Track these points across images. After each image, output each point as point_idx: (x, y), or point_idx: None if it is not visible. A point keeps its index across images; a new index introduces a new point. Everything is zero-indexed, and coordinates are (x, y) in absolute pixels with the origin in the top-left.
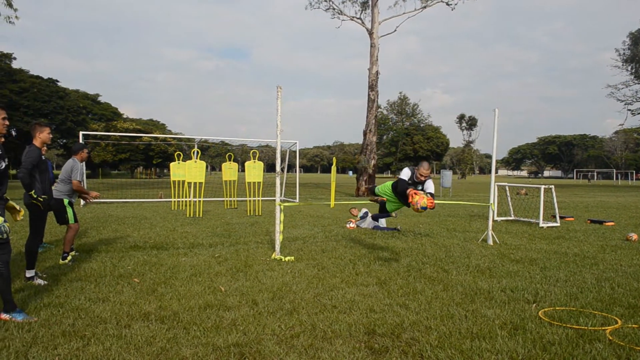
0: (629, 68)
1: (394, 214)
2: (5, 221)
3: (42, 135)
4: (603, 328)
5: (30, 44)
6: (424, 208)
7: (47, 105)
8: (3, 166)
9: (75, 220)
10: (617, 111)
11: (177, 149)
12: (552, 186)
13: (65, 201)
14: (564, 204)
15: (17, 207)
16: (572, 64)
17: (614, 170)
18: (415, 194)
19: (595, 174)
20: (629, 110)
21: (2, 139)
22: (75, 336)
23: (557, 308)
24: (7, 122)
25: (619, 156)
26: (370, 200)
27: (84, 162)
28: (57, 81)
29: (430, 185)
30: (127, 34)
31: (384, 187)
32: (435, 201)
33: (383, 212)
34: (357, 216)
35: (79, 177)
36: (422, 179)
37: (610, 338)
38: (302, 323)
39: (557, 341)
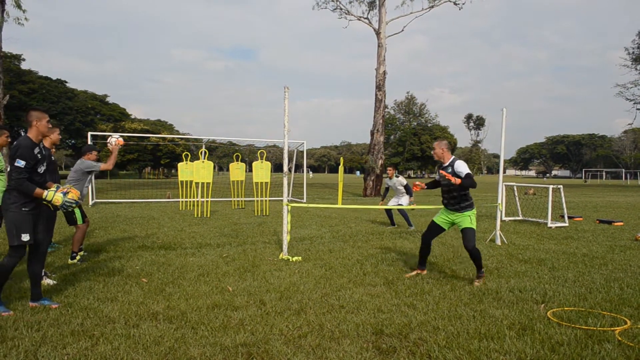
0: (638, 67)
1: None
2: (65, 194)
3: (53, 136)
4: (612, 329)
5: (39, 45)
6: None
7: (56, 106)
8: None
9: (84, 220)
10: (626, 110)
11: (184, 149)
12: (561, 186)
13: None
14: (573, 204)
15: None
16: (581, 62)
17: (623, 170)
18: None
19: (604, 173)
20: (638, 109)
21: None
22: (84, 335)
23: (565, 308)
24: (50, 125)
25: (628, 156)
26: None
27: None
28: (66, 82)
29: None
30: (136, 35)
31: None
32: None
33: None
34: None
35: (99, 166)
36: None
37: (620, 339)
38: (310, 323)
39: (565, 342)
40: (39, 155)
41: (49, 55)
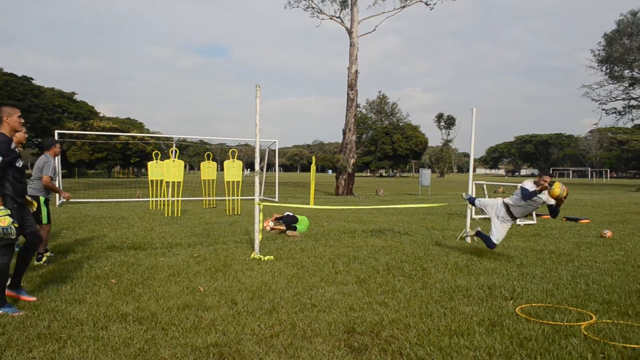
0: (604, 68)
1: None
2: (14, 222)
3: (18, 135)
4: (578, 323)
5: (4, 42)
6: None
7: (22, 104)
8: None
9: (49, 221)
10: (592, 110)
11: (155, 148)
12: None
13: (42, 199)
14: None
15: (29, 199)
16: (551, 63)
17: (589, 169)
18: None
19: (570, 172)
20: (603, 109)
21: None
22: (50, 338)
23: (533, 304)
24: (22, 120)
25: (594, 155)
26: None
27: (57, 158)
28: (32, 79)
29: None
30: (106, 32)
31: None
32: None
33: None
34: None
35: (50, 173)
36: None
37: (586, 333)
38: (282, 322)
39: (533, 337)
40: (16, 149)
41: (14, 52)
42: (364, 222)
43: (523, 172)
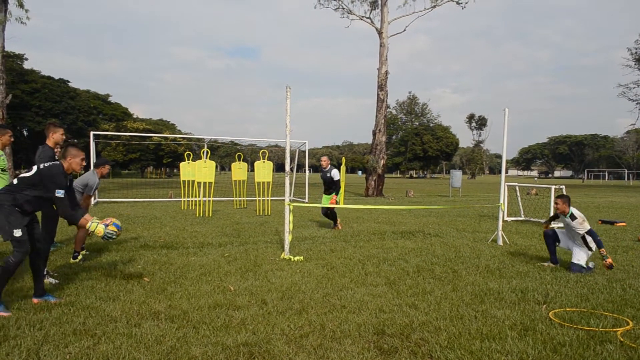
0: None
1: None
2: (106, 226)
3: (55, 136)
4: (614, 329)
5: (41, 45)
6: None
7: (58, 106)
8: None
9: None
10: (628, 111)
11: (186, 149)
12: (563, 186)
13: None
14: (575, 205)
15: None
16: (584, 62)
17: (626, 171)
18: None
19: (606, 174)
20: None
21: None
22: (86, 335)
23: (567, 309)
24: (84, 163)
25: (631, 156)
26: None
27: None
28: (68, 81)
29: None
30: (138, 34)
31: None
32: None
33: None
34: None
35: (92, 192)
36: None
37: (622, 339)
38: (311, 323)
39: (567, 342)
40: (67, 182)
41: (51, 55)
42: (393, 223)
43: (557, 173)
